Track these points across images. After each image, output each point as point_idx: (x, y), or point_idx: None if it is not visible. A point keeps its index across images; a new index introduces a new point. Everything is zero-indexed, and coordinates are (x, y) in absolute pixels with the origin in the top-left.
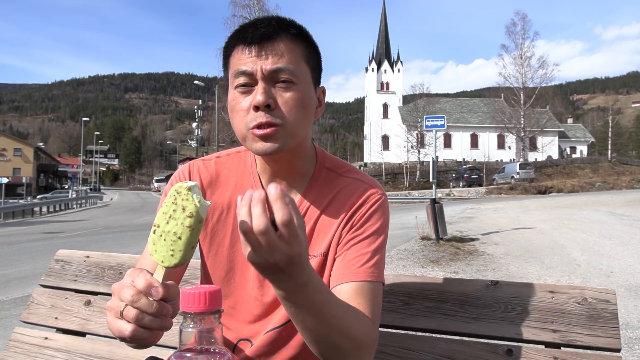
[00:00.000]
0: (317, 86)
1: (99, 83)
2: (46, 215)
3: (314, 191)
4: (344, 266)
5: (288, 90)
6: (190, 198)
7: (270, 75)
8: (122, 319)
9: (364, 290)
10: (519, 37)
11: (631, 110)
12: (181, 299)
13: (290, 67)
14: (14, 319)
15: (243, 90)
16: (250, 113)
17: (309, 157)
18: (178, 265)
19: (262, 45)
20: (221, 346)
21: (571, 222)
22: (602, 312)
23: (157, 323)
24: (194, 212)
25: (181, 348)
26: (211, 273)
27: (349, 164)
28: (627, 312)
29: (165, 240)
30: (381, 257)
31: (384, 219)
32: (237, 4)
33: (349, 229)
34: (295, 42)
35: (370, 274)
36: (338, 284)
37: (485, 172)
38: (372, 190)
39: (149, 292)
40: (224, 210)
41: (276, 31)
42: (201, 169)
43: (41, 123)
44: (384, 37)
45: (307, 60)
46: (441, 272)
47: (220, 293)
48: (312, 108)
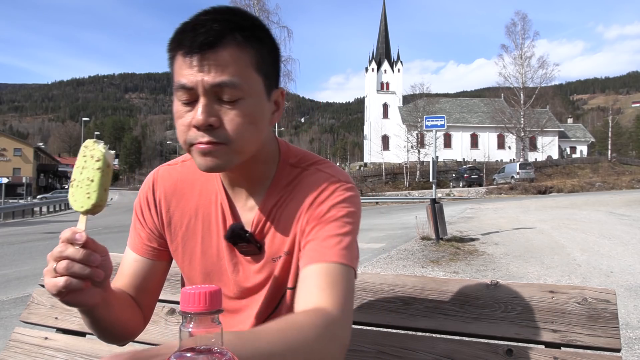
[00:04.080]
0: (274, 90)
1: (99, 83)
2: (46, 215)
3: (276, 192)
4: (312, 249)
5: (234, 106)
6: (96, 147)
7: (213, 90)
8: (57, 275)
9: (335, 272)
10: (519, 37)
11: (631, 110)
12: (181, 299)
13: (235, 80)
14: (14, 319)
15: (186, 103)
16: (191, 130)
17: (269, 158)
18: (95, 205)
19: (204, 54)
20: (221, 346)
21: (571, 222)
22: (602, 312)
23: (86, 271)
24: (101, 157)
25: (181, 348)
26: (188, 281)
27: (316, 155)
28: (627, 312)
29: (81, 187)
30: (352, 244)
31: (355, 208)
32: (237, 4)
33: (313, 218)
34: (242, 49)
35: (341, 255)
36: (305, 266)
37: (485, 172)
38: (338, 181)
39: (74, 237)
40: (191, 218)
41: (218, 38)
42: (165, 178)
43: (41, 123)
44: (384, 37)
45: (258, 68)
46: (441, 272)
47: (220, 293)
48: (265, 119)
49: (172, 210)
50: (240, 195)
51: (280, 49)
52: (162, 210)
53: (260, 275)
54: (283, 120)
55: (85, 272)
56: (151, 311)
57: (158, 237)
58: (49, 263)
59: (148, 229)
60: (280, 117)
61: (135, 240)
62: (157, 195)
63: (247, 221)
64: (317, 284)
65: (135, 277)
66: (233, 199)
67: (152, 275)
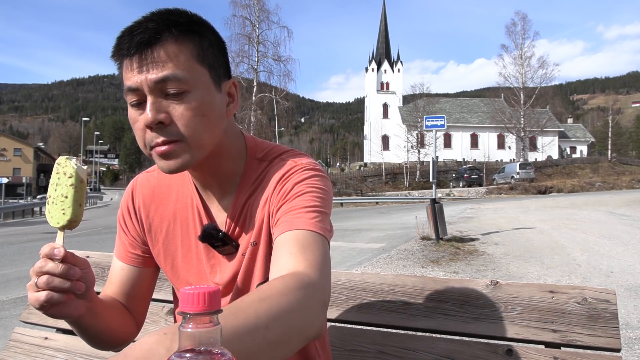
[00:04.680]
0: (225, 81)
1: (99, 83)
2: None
3: (246, 188)
4: (282, 222)
5: (182, 100)
6: (69, 164)
7: (158, 86)
8: (38, 289)
9: (306, 238)
10: (519, 37)
11: (631, 110)
12: (180, 299)
13: (177, 73)
14: (14, 319)
15: (137, 106)
16: (147, 132)
17: (236, 154)
18: (71, 221)
19: (142, 54)
20: (221, 347)
21: (571, 222)
22: (602, 312)
23: (66, 285)
24: (73, 173)
25: (180, 349)
26: (175, 286)
27: (283, 147)
28: (627, 312)
29: (56, 204)
30: (322, 217)
31: (321, 185)
32: (237, 4)
33: (279, 199)
34: (181, 43)
35: (311, 224)
36: (276, 237)
37: (485, 172)
38: (302, 164)
39: (52, 253)
40: (170, 223)
41: (154, 35)
42: (143, 185)
43: (41, 123)
44: (384, 37)
45: (201, 59)
46: (441, 272)
47: (219, 293)
48: (218, 111)
49: (151, 216)
50: (213, 196)
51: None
52: (142, 217)
53: (234, 274)
54: (283, 120)
55: (65, 286)
56: (143, 316)
57: (141, 244)
58: (31, 278)
59: (131, 237)
60: (237, 108)
61: (120, 249)
62: (136, 203)
63: (221, 221)
64: (288, 250)
65: (123, 284)
66: (207, 200)
67: (140, 282)
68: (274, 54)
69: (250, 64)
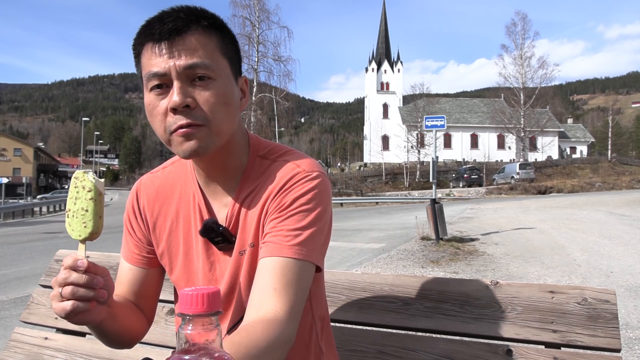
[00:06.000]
0: (239, 77)
1: (99, 83)
2: (46, 215)
3: (247, 185)
4: (270, 241)
5: (207, 87)
6: (87, 178)
7: (185, 72)
8: (63, 299)
9: (289, 271)
10: (519, 37)
11: (631, 110)
12: (179, 301)
13: (206, 61)
14: (14, 319)
15: (159, 92)
16: (169, 116)
17: (241, 150)
18: (92, 233)
19: (172, 41)
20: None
21: (571, 222)
22: (602, 312)
23: (91, 294)
24: (92, 187)
25: (180, 350)
26: (177, 285)
27: (285, 146)
28: (627, 312)
29: (77, 217)
30: (313, 236)
31: (320, 198)
32: (237, 4)
33: (274, 210)
34: (208, 34)
35: (296, 251)
36: (262, 258)
37: (485, 172)
38: (304, 171)
39: (76, 265)
40: (173, 221)
41: (186, 24)
42: (147, 186)
43: (41, 123)
44: (384, 37)
45: (224, 52)
46: (441, 272)
47: (219, 294)
48: (236, 102)
49: (155, 215)
50: (215, 192)
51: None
52: (147, 217)
53: (231, 272)
54: (283, 120)
55: (90, 295)
56: (153, 312)
57: (147, 244)
58: (54, 288)
59: (137, 238)
60: (247, 104)
61: (127, 251)
62: (141, 203)
63: (222, 217)
64: (271, 283)
65: (132, 284)
66: (209, 196)
67: (148, 282)
68: (274, 54)
69: (250, 64)
